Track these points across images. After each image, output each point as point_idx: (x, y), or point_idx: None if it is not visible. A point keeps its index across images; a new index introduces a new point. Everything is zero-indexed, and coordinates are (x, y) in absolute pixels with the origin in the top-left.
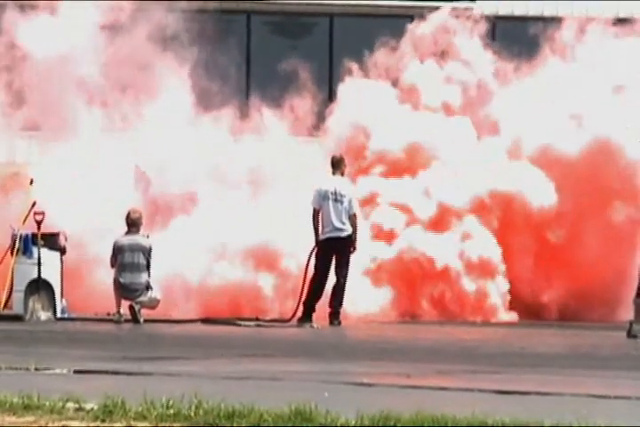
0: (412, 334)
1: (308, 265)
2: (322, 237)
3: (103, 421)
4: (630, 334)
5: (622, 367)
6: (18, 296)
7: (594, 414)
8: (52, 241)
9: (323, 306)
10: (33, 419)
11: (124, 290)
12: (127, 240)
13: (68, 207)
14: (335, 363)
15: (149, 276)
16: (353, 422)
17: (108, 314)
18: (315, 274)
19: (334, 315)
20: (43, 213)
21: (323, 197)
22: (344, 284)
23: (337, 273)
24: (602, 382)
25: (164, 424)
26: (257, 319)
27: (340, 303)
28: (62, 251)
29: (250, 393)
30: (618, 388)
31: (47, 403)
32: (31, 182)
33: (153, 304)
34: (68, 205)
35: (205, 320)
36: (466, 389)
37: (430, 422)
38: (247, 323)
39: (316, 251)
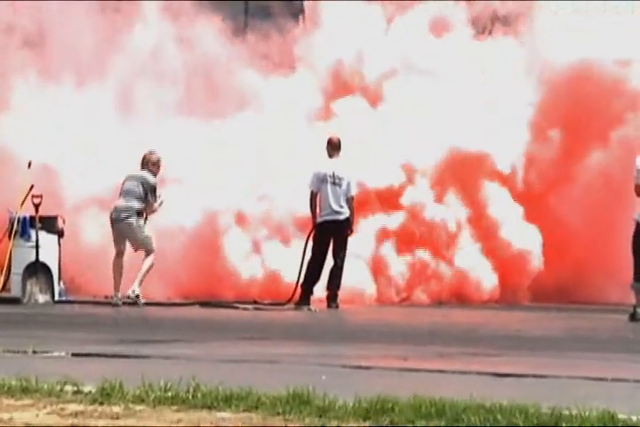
0: (410, 316)
1: (305, 248)
2: (319, 219)
3: (101, 404)
4: (634, 318)
5: (620, 350)
6: (16, 279)
7: (591, 397)
8: (50, 224)
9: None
10: (31, 402)
11: (115, 212)
12: (133, 172)
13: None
14: (333, 346)
15: (145, 208)
16: (351, 405)
17: (106, 297)
18: (312, 257)
19: (332, 298)
20: (40, 196)
21: (321, 180)
22: (342, 266)
23: (335, 256)
24: (600, 364)
25: (161, 407)
26: (255, 302)
27: (338, 286)
28: (60, 234)
29: (247, 376)
30: (616, 371)
31: (45, 386)
32: (29, 165)
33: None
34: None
35: (203, 303)
36: (463, 372)
37: (428, 405)
38: (245, 306)
39: (313, 233)
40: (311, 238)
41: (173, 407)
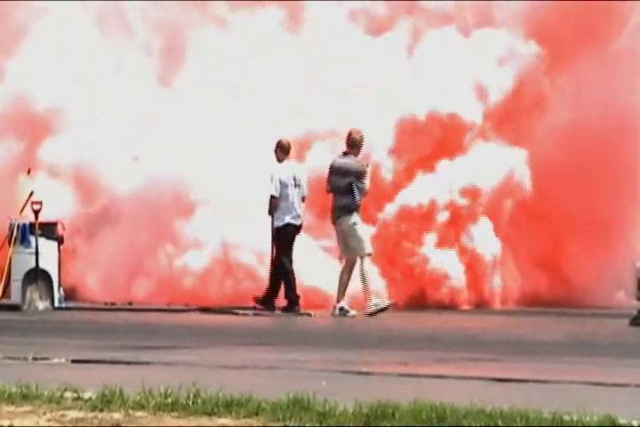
0: (410, 321)
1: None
2: (285, 222)
3: (101, 410)
4: (636, 322)
5: (621, 355)
6: (16, 286)
7: (592, 402)
8: (49, 230)
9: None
10: (31, 408)
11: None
12: (340, 163)
13: None
14: (333, 351)
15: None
16: (351, 411)
17: (106, 304)
18: (284, 261)
19: (294, 303)
20: (40, 203)
21: (284, 185)
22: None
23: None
24: (600, 369)
25: (162, 414)
26: (254, 308)
27: (276, 291)
28: (60, 240)
29: (248, 382)
30: (616, 375)
31: (45, 393)
32: (28, 172)
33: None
34: None
35: (203, 309)
36: (464, 377)
37: (428, 410)
38: (245, 312)
39: (279, 237)
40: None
41: (174, 414)
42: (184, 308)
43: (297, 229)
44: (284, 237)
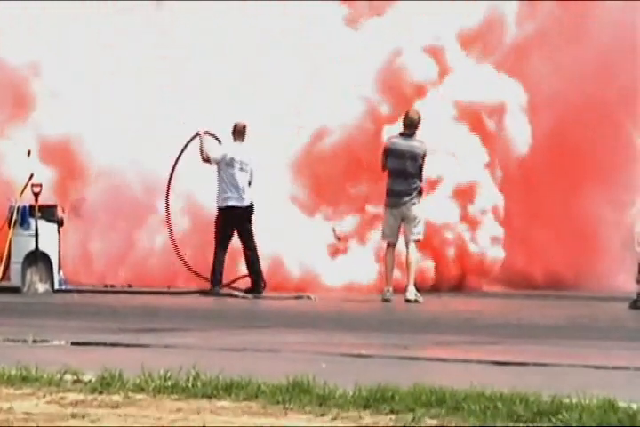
0: (409, 304)
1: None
2: (226, 203)
3: (101, 393)
4: (636, 305)
5: (620, 338)
6: (15, 268)
7: (592, 385)
8: (49, 213)
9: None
10: (31, 391)
11: (391, 196)
12: (403, 144)
13: None
14: (333, 334)
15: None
16: (351, 394)
17: (105, 286)
18: (218, 242)
19: (258, 287)
20: (40, 185)
21: (227, 163)
22: (256, 252)
23: (245, 244)
24: (600, 352)
25: (161, 396)
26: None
27: (258, 274)
28: (60, 223)
29: (247, 365)
30: (616, 358)
31: (45, 375)
32: (29, 154)
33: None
34: None
35: (203, 292)
36: (464, 360)
37: (428, 393)
38: (245, 295)
39: (217, 219)
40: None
41: (173, 396)
42: (184, 290)
43: (241, 210)
44: (222, 219)
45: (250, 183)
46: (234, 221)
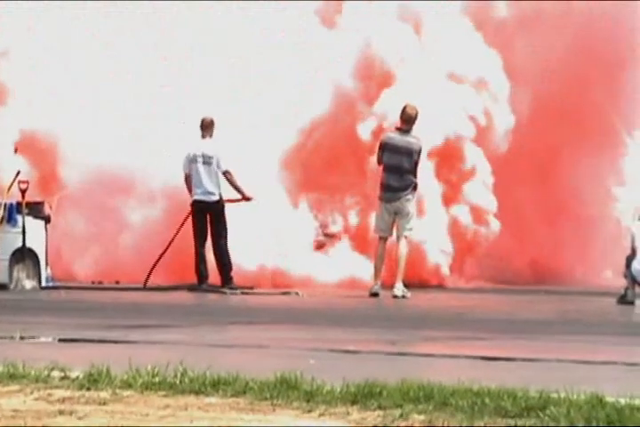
0: (397, 300)
1: (179, 229)
2: (194, 198)
3: (88, 389)
4: (624, 300)
5: (608, 333)
6: (2, 265)
7: (580, 380)
8: (36, 210)
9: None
10: (18, 388)
11: (386, 190)
12: (399, 139)
13: None
14: (321, 330)
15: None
16: (338, 390)
17: (93, 282)
18: (194, 237)
19: (227, 280)
20: (27, 182)
21: (191, 160)
22: (225, 247)
23: (214, 236)
24: (588, 347)
25: (149, 392)
26: (241, 287)
27: (229, 268)
28: (47, 219)
29: (235, 361)
30: (604, 353)
31: (32, 372)
32: (15, 150)
33: None
34: None
35: (191, 288)
36: (452, 355)
37: (416, 389)
38: (233, 291)
39: (192, 214)
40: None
41: (161, 393)
42: (171, 286)
43: (210, 204)
44: (193, 213)
45: (227, 173)
46: (203, 214)
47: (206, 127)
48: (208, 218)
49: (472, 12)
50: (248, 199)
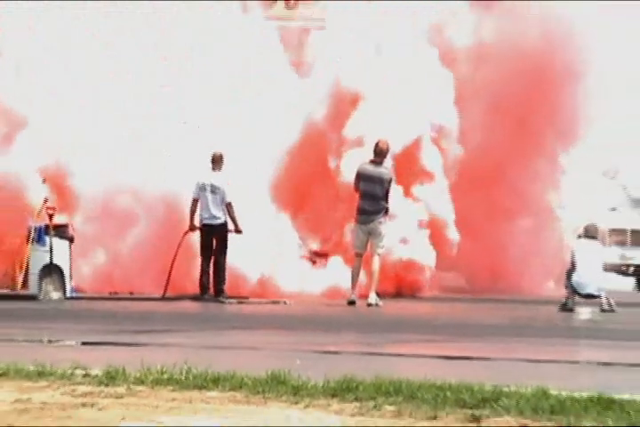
0: (371, 308)
1: (178, 248)
2: (202, 222)
3: (107, 385)
4: (565, 308)
5: (552, 336)
6: (33, 279)
7: (528, 377)
8: (62, 231)
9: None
10: (46, 384)
11: (362, 214)
12: (373, 170)
13: None
14: (305, 334)
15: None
16: (321, 385)
17: (110, 293)
18: (200, 255)
19: (219, 292)
20: (54, 208)
21: (201, 188)
22: (223, 265)
23: (216, 255)
24: (535, 348)
25: (159, 388)
26: (237, 297)
27: (223, 281)
28: (71, 240)
29: (232, 361)
30: (548, 353)
31: (58, 370)
32: (43, 181)
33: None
34: None
35: (194, 298)
36: (418, 355)
37: (387, 384)
38: (230, 300)
39: (200, 235)
40: (187, 238)
41: (169, 388)
42: (177, 296)
43: (216, 227)
44: (201, 236)
45: (229, 205)
46: (209, 236)
47: (216, 161)
48: (214, 240)
49: (436, 40)
50: (239, 232)
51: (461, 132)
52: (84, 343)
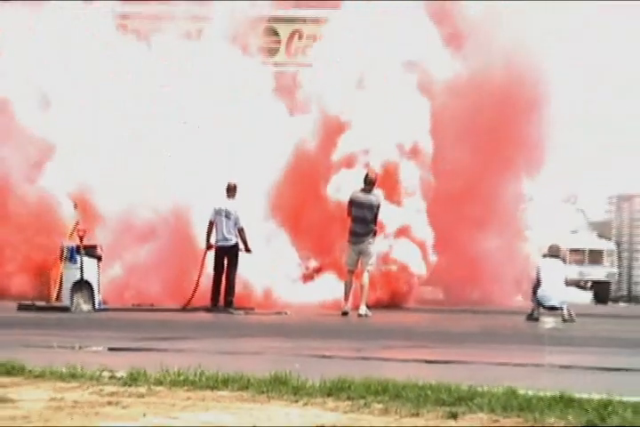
0: (361, 318)
1: (202, 266)
2: (216, 244)
3: (130, 386)
4: (531, 318)
5: (520, 342)
6: (66, 293)
7: (499, 378)
8: (91, 251)
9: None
10: (77, 384)
11: (354, 235)
12: (363, 197)
13: None
14: (304, 341)
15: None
16: (317, 385)
17: (133, 305)
18: (214, 272)
19: (229, 304)
20: (84, 230)
21: (216, 213)
22: (233, 280)
23: (228, 271)
24: (505, 353)
25: (176, 388)
26: (244, 308)
27: (232, 294)
28: (99, 258)
29: (240, 364)
30: (516, 357)
31: (88, 373)
32: (75, 207)
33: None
34: None
35: (207, 309)
36: (403, 359)
37: (375, 384)
38: (238, 311)
39: (213, 255)
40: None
41: (184, 388)
42: (192, 308)
43: (228, 248)
44: (215, 256)
45: (241, 229)
46: (222, 256)
47: (231, 190)
48: (226, 258)
49: (414, 73)
50: (249, 251)
51: (436, 155)
52: (110, 349)
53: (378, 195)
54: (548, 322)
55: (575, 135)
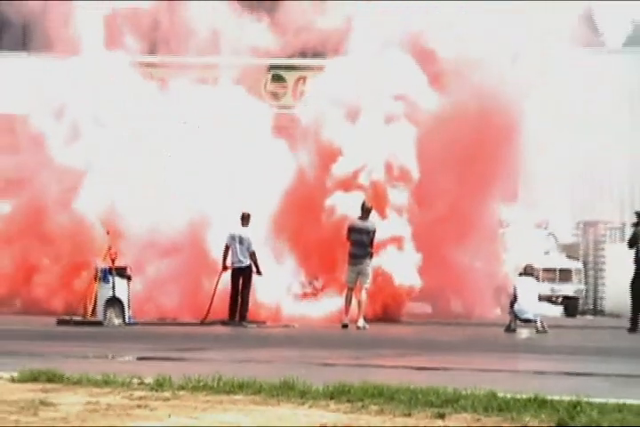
0: (360, 330)
1: (216, 284)
2: (232, 266)
3: (156, 391)
4: (509, 329)
5: (499, 351)
6: (100, 309)
7: (481, 382)
8: (122, 272)
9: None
10: (110, 390)
11: (353, 257)
12: (361, 224)
13: None
14: (309, 350)
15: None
16: (321, 389)
17: (159, 319)
18: (231, 291)
19: (242, 318)
20: (116, 253)
21: (232, 238)
22: (247, 297)
23: (242, 289)
24: (486, 360)
25: (197, 393)
26: (256, 322)
27: (246, 309)
28: (129, 278)
29: (252, 371)
30: (496, 364)
31: (119, 379)
32: (107, 233)
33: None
34: None
35: (223, 323)
36: (396, 366)
37: (372, 388)
38: (251, 325)
39: (230, 275)
40: (222, 278)
41: (204, 392)
42: (210, 321)
43: (242, 269)
44: (231, 276)
45: (253, 253)
46: (237, 276)
47: (245, 219)
48: (240, 278)
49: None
50: (259, 273)
51: (422, 179)
52: (139, 359)
53: (373, 222)
54: (524, 333)
55: (546, 165)
